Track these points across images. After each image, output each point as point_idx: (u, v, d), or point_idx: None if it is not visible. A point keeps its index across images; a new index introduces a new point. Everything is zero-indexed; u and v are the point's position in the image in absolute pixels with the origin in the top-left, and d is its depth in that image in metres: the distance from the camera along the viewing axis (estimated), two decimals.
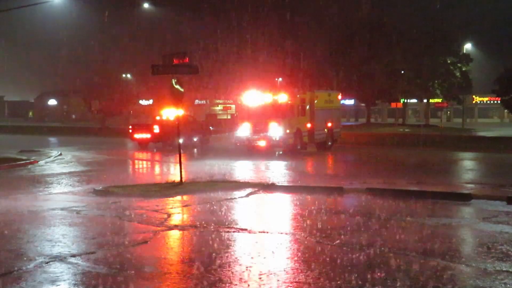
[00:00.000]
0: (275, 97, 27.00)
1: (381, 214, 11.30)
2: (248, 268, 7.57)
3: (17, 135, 49.04)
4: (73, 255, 8.28)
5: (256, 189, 14.93)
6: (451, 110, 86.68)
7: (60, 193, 15.08)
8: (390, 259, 7.88)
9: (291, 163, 23.25)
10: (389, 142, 35.41)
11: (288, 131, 26.38)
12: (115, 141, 38.64)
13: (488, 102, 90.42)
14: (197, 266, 7.65)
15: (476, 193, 13.76)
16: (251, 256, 8.26)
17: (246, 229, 10.06)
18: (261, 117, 26.52)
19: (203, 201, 13.27)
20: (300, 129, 27.27)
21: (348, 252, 8.34)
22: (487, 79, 62.20)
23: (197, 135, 33.89)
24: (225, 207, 12.44)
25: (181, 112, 17.80)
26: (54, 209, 12.31)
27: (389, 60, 59.68)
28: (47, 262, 7.91)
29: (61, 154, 27.05)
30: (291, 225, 10.85)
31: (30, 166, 22.12)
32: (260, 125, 26.48)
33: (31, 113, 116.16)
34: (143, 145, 32.41)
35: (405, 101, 71.08)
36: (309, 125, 28.06)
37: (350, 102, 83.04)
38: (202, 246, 8.84)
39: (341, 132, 32.73)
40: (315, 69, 57.52)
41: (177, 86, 16.00)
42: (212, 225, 10.35)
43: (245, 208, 12.85)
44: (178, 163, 16.51)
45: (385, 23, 61.53)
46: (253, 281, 7.04)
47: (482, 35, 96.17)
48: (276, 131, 26.20)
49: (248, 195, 14.19)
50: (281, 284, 6.90)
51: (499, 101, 57.29)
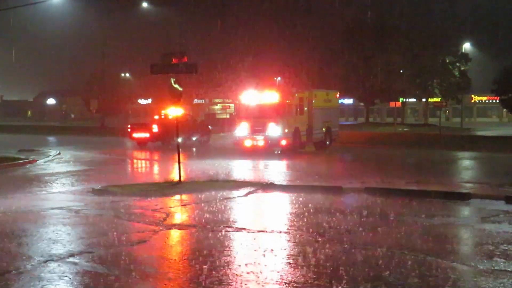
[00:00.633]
0: (274, 97, 27.00)
1: (379, 213, 11.31)
2: (247, 267, 7.57)
3: (16, 135, 48.93)
4: (71, 255, 8.28)
5: (255, 188, 14.94)
6: (449, 109, 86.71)
7: (59, 192, 15.08)
8: (388, 258, 7.89)
9: (289, 162, 23.27)
10: (388, 142, 35.42)
11: (286, 130, 26.36)
12: (114, 140, 38.58)
13: (487, 101, 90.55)
14: (196, 265, 7.65)
15: (475, 193, 13.75)
16: (249, 255, 8.27)
17: (244, 229, 10.07)
18: (260, 116, 26.51)
19: (202, 200, 13.28)
20: (299, 128, 27.25)
21: (347, 251, 8.35)
22: (486, 78, 62.37)
23: (196, 135, 33.89)
24: (223, 206, 12.45)
25: (180, 112, 17.79)
26: (53, 208, 12.31)
27: (388, 59, 59.67)
28: (45, 262, 7.89)
29: (60, 154, 27.01)
30: (289, 224, 10.84)
31: (29, 166, 22.10)
32: (258, 124, 26.46)
33: (29, 112, 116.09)
34: (142, 145, 32.40)
35: (404, 100, 71.11)
36: (307, 124, 28.05)
37: (349, 101, 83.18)
38: (201, 245, 8.84)
39: (339, 131, 32.71)
40: (314, 69, 57.45)
41: (176, 85, 16.00)
42: (211, 224, 10.35)
43: (243, 208, 12.86)
44: (177, 163, 16.52)
45: (384, 22, 61.54)
46: (252, 280, 7.04)
47: (481, 34, 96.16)
48: (275, 130, 26.18)
49: (247, 194, 14.19)
50: (280, 283, 6.91)
51: (497, 101, 57.39)
